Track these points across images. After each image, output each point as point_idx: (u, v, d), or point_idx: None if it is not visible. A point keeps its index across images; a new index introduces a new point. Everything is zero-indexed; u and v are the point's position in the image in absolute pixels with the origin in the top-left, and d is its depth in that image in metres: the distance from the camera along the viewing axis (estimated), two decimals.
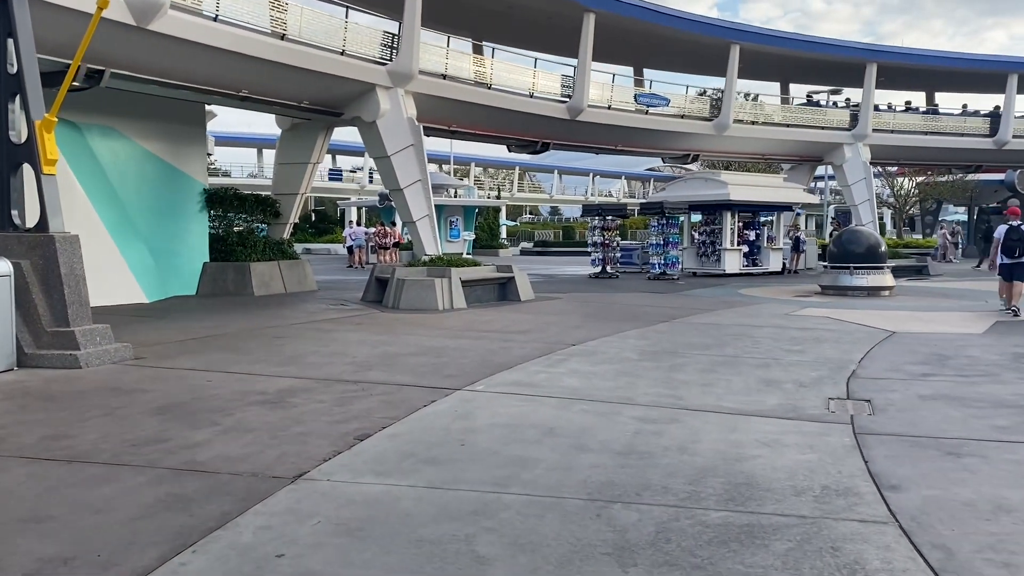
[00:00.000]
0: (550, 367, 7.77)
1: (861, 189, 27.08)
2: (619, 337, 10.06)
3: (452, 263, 14.41)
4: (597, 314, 12.85)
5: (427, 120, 17.18)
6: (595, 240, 23.62)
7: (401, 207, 16.33)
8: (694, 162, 27.30)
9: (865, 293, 16.57)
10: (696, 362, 8.13)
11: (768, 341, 9.67)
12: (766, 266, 25.14)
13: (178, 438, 5.04)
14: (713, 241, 24.60)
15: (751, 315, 12.70)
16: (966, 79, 29.61)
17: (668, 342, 9.61)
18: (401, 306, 13.25)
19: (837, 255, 17.30)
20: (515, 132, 20.65)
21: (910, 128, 28.30)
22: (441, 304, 13.21)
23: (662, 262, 22.61)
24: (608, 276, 23.20)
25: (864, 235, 17.44)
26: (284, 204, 17.28)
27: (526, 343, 9.38)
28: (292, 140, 17.36)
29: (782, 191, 24.92)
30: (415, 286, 13.29)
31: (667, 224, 22.51)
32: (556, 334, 10.29)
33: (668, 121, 23.48)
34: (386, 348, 8.91)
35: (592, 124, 21.29)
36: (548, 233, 62.90)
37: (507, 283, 15.05)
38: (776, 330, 10.72)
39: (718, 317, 12.43)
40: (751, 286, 19.74)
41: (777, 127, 25.77)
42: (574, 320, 11.97)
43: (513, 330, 10.66)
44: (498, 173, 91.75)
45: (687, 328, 11.00)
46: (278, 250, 16.98)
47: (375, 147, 16.09)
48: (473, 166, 78.78)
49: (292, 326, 10.98)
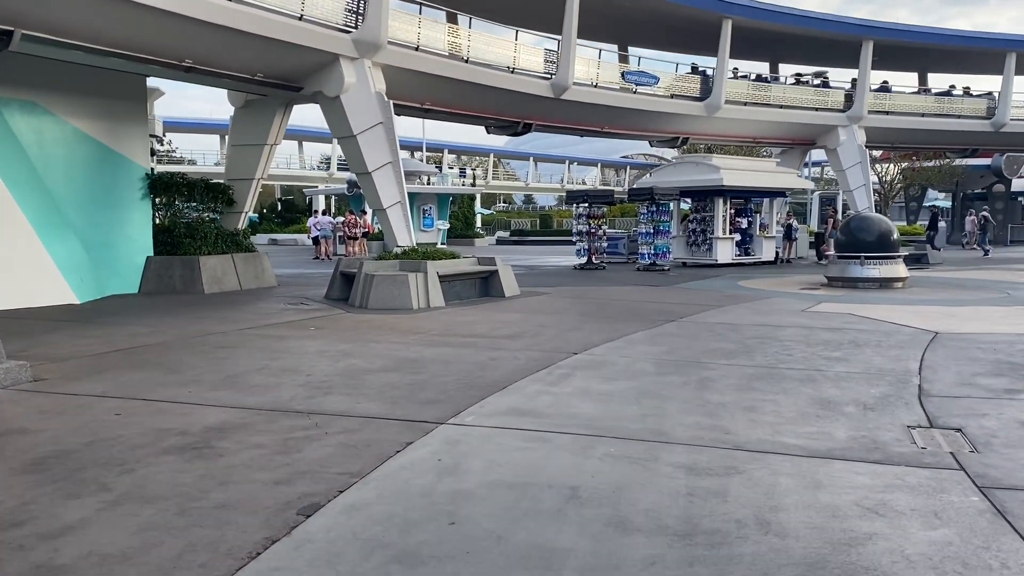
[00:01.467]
0: (554, 385, 6.35)
1: (857, 174, 25.96)
2: (625, 341, 8.68)
3: (428, 255, 12.94)
4: (594, 312, 11.46)
5: (397, 97, 15.63)
6: (580, 229, 22.22)
7: (369, 193, 14.77)
8: (683, 146, 26.03)
9: (877, 285, 15.36)
10: (727, 376, 6.76)
11: (799, 346, 8.34)
12: (759, 255, 23.96)
13: (43, 517, 3.54)
14: (704, 229, 23.34)
15: (765, 312, 11.39)
16: (961, 58, 28.61)
17: (685, 348, 8.24)
18: (370, 305, 11.76)
19: (845, 244, 16.06)
20: (494, 111, 19.14)
21: (907, 110, 27.22)
22: (416, 303, 11.74)
23: (652, 252, 21.30)
24: (595, 267, 21.85)
25: (875, 221, 16.22)
26: (238, 191, 15.65)
27: (519, 351, 7.95)
28: (246, 119, 15.71)
29: (776, 176, 23.71)
30: (386, 282, 11.79)
31: (657, 211, 21.18)
32: (552, 338, 8.88)
33: (657, 101, 22.11)
34: (350, 361, 7.43)
35: (577, 103, 19.86)
36: (525, 222, 61.45)
37: (489, 277, 13.61)
38: (802, 331, 9.40)
39: (729, 315, 11.10)
40: (748, 277, 18.50)
41: (770, 108, 24.53)
42: (570, 320, 10.57)
43: (501, 334, 9.23)
44: (471, 160, 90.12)
45: (700, 329, 9.64)
46: (232, 242, 15.37)
47: (339, 126, 14.50)
48: (447, 153, 77.05)
49: (241, 332, 9.44)
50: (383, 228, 15.15)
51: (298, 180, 70.19)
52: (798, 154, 28.40)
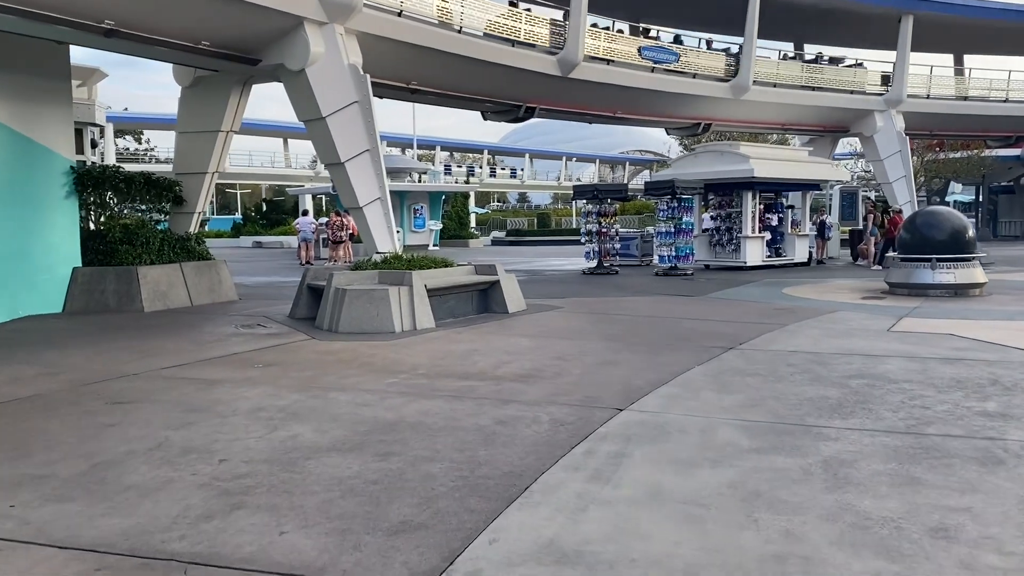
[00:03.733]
0: (602, 481, 4.10)
1: (896, 164, 23.74)
2: (682, 384, 6.43)
3: (414, 264, 10.68)
4: (624, 335, 9.20)
5: (376, 74, 13.33)
6: (590, 228, 19.96)
7: (343, 188, 12.46)
8: (703, 133, 23.80)
9: (951, 293, 13.14)
10: (861, 454, 4.54)
11: (927, 390, 6.10)
12: (791, 256, 21.76)
13: None
14: (729, 227, 21.10)
15: (842, 334, 9.15)
16: (1006, 36, 26.41)
17: (771, 397, 5.98)
18: (341, 328, 9.48)
19: (911, 244, 13.81)
20: (492, 93, 16.87)
21: (948, 94, 25.02)
22: (399, 324, 9.46)
23: (672, 254, 19.06)
24: (606, 272, 19.60)
25: (946, 216, 14.00)
26: (189, 187, 13.35)
27: (538, 406, 5.69)
28: (196, 101, 13.39)
29: (811, 166, 21.49)
30: (361, 299, 9.52)
31: (679, 207, 18.94)
32: (580, 380, 6.63)
33: (678, 81, 19.85)
34: (293, 429, 5.16)
35: (587, 83, 17.61)
36: (521, 221, 59.18)
37: (489, 289, 11.36)
38: (911, 364, 7.15)
39: (799, 338, 8.86)
40: (787, 282, 16.30)
41: (802, 91, 22.29)
42: (596, 347, 8.31)
43: (510, 372, 6.96)
44: (465, 157, 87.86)
45: (774, 362, 7.39)
46: (181, 248, 13.09)
47: (305, 106, 12.21)
48: (439, 149, 74.80)
49: (160, 373, 7.16)
50: (360, 231, 12.86)
51: (284, 180, 67.90)
52: (828, 143, 26.19)
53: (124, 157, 60.51)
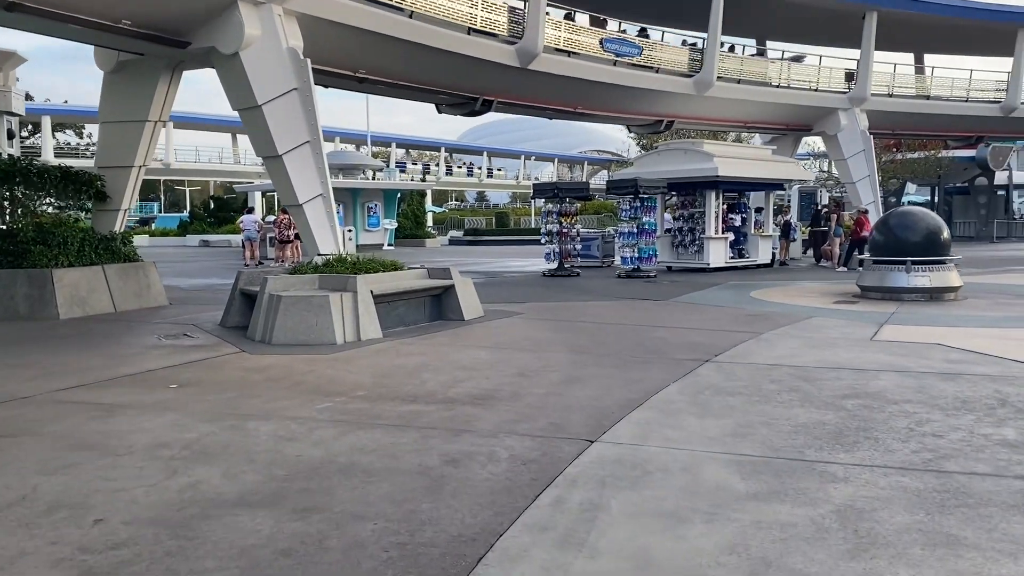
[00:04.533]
0: (574, 549, 3.31)
1: (860, 163, 23.45)
2: (659, 408, 5.68)
3: (359, 267, 9.78)
4: (590, 346, 8.44)
5: (321, 61, 12.40)
6: (550, 228, 19.21)
7: (280, 183, 11.48)
8: (666, 131, 23.21)
9: (927, 297, 12.68)
10: (879, 500, 3.83)
11: (933, 413, 5.45)
12: (754, 257, 21.28)
13: None
14: (692, 228, 20.54)
15: (822, 344, 8.51)
16: (966, 36, 26.37)
17: (761, 423, 5.26)
18: (275, 339, 8.56)
19: (884, 245, 13.33)
20: (447, 84, 16.00)
21: (911, 93, 24.83)
22: (340, 335, 8.57)
23: (635, 256, 18.41)
24: (567, 274, 18.89)
25: (920, 217, 13.54)
26: (113, 182, 12.25)
27: (495, 438, 4.89)
28: (120, 87, 12.27)
29: (775, 166, 21.03)
30: (298, 307, 8.61)
31: (641, 207, 18.30)
32: (544, 401, 5.84)
33: (640, 76, 19.21)
34: (197, 473, 4.28)
35: (547, 76, 16.86)
36: (480, 220, 58.28)
37: (443, 295, 10.52)
38: (905, 380, 6.52)
39: (778, 349, 8.20)
40: (754, 285, 15.77)
41: (766, 88, 21.84)
42: (560, 361, 7.53)
43: (465, 393, 6.14)
44: (421, 156, 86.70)
45: (756, 378, 6.69)
46: (105, 249, 11.99)
47: (239, 94, 11.22)
48: (395, 146, 73.51)
49: (54, 396, 6.19)
50: (300, 231, 11.91)
51: (233, 176, 66.06)
52: (791, 142, 25.85)
53: (64, 152, 58.15)
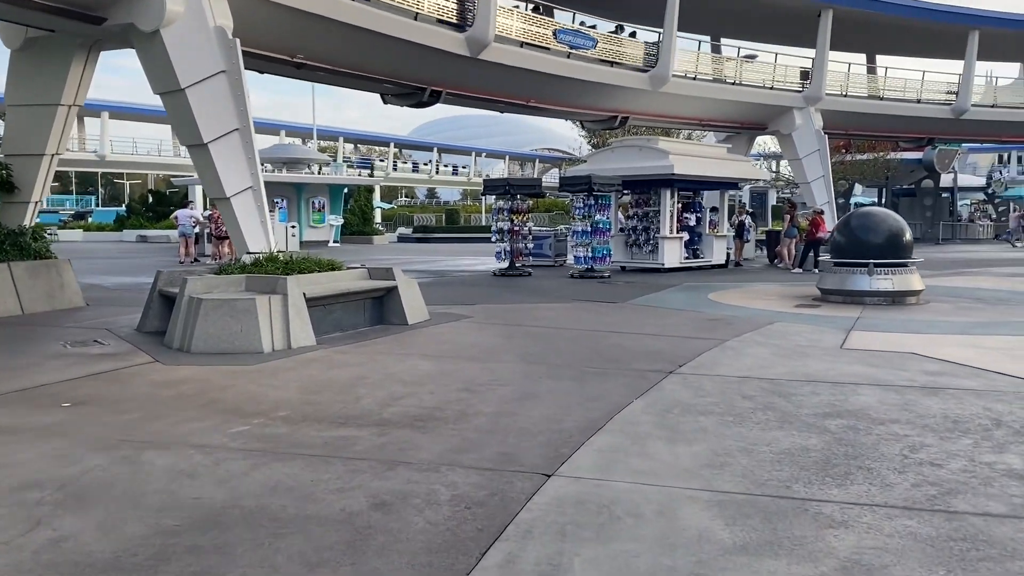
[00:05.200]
0: None
1: (815, 163, 23.29)
2: (623, 431, 5.07)
3: (292, 267, 8.98)
4: (544, 355, 7.79)
5: (254, 43, 11.52)
6: (502, 226, 18.54)
7: (206, 175, 10.56)
8: (620, 127, 22.70)
9: (889, 300, 12.35)
10: (892, 552, 3.30)
11: (927, 439, 4.94)
12: (708, 258, 20.93)
13: None
14: (647, 227, 20.08)
15: (791, 353, 8.01)
16: (918, 37, 26.48)
17: (738, 449, 4.68)
18: (194, 347, 7.72)
19: (846, 247, 12.97)
20: (392, 73, 15.18)
21: (865, 93, 24.79)
22: (268, 342, 7.77)
23: (588, 255, 17.86)
24: (519, 273, 18.25)
25: (882, 218, 13.20)
26: (22, 172, 11.19)
27: (435, 473, 4.20)
28: (29, 66, 11.18)
29: (730, 164, 20.69)
30: (220, 311, 7.78)
31: (596, 205, 17.75)
32: (493, 424, 5.18)
33: (594, 69, 18.65)
34: (64, 526, 3.50)
35: (498, 67, 16.18)
36: (429, 217, 57.34)
37: (386, 297, 9.77)
38: (887, 396, 6.03)
39: (746, 359, 7.66)
40: (710, 286, 15.36)
41: (722, 85, 21.49)
42: (511, 372, 6.86)
43: (402, 414, 5.43)
44: (371, 151, 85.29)
45: (727, 394, 6.12)
46: (12, 245, 10.95)
47: (160, 75, 10.27)
48: (342, 141, 72.02)
49: None
50: (227, 227, 11.02)
51: (172, 169, 63.87)
52: (745, 141, 25.61)
53: None
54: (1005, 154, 77.55)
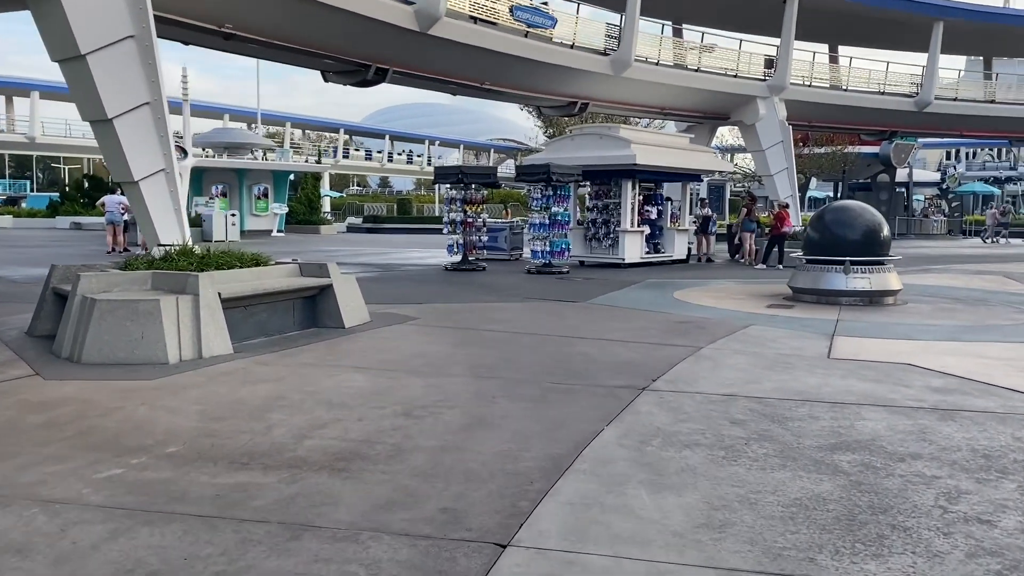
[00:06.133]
0: None
1: (778, 154, 22.72)
2: (594, 470, 4.17)
3: (208, 262, 7.87)
4: (499, 365, 6.84)
5: (175, 9, 10.29)
6: (454, 217, 17.51)
7: (112, 155, 9.32)
8: (580, 113, 21.81)
9: (866, 300, 11.69)
10: None
11: (962, 481, 4.14)
12: (670, 252, 20.19)
13: None
14: (607, 220, 19.24)
15: (774, 364, 7.20)
16: (882, 28, 26.07)
17: (734, 495, 3.80)
18: (85, 357, 6.59)
19: (819, 244, 12.28)
20: (333, 47, 14.03)
21: (829, 83, 24.29)
22: (175, 351, 6.67)
23: (546, 249, 16.94)
24: (472, 268, 17.27)
25: (858, 213, 12.50)
26: None
27: (352, 544, 3.23)
28: None
29: (694, 155, 19.96)
30: (117, 314, 6.65)
31: (554, 196, 16.83)
32: (434, 465, 4.22)
33: (553, 51, 17.72)
34: None
35: (450, 44, 15.15)
36: (380, 207, 55.91)
37: (319, 296, 8.71)
38: (901, 421, 5.23)
39: (724, 370, 6.82)
40: (674, 283, 14.62)
41: (685, 71, 20.74)
42: (460, 390, 5.89)
43: (322, 450, 4.43)
44: (320, 138, 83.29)
45: (711, 419, 5.25)
46: None
47: (58, 40, 8.98)
48: (289, 126, 70.01)
49: None
50: (136, 215, 9.81)
51: None
52: (707, 131, 24.97)
53: None
54: (954, 150, 79.00)
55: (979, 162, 79.65)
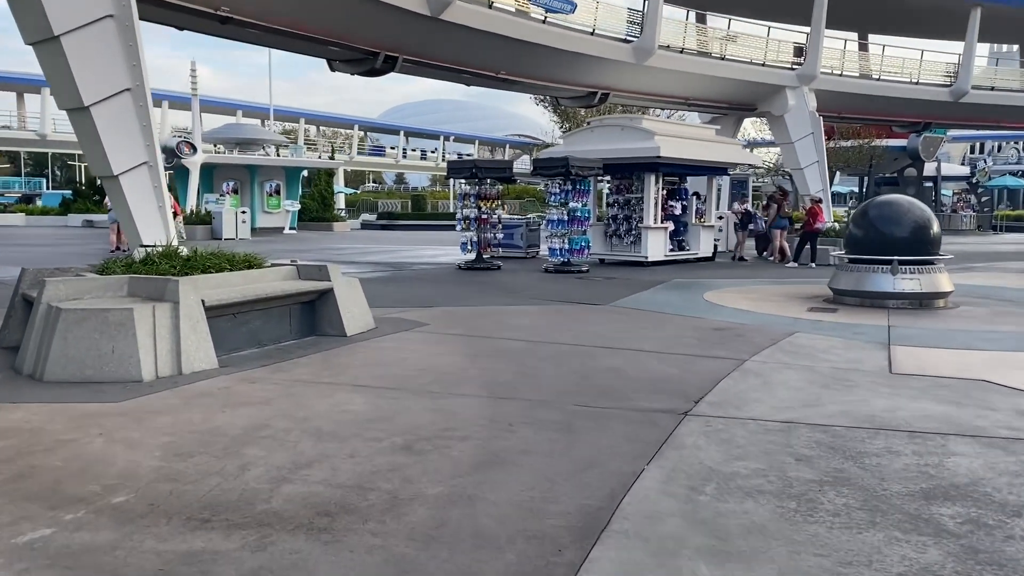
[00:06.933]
0: None
1: (808, 147, 21.72)
2: (641, 535, 3.34)
3: (194, 264, 7.09)
4: (517, 384, 6.02)
5: None
6: (468, 214, 16.70)
7: (89, 146, 8.54)
8: (599, 104, 20.92)
9: (915, 303, 10.76)
10: None
11: None
12: (695, 250, 19.28)
13: None
14: (628, 216, 18.37)
15: (832, 381, 6.35)
16: (916, 16, 24.99)
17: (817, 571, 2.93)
18: (48, 374, 5.84)
19: (863, 241, 11.36)
20: (339, 33, 13.23)
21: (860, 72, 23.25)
22: (150, 367, 5.91)
23: (565, 247, 16.09)
24: (487, 266, 16.48)
25: (906, 208, 11.54)
26: None
27: None
28: None
29: (720, 147, 19.03)
30: (85, 325, 5.89)
31: (573, 191, 15.98)
32: (435, 524, 3.41)
33: (573, 38, 16.84)
34: None
35: (463, 30, 14.32)
36: (395, 203, 55.18)
37: (319, 301, 7.93)
38: (1006, 462, 4.36)
39: (776, 389, 5.97)
40: (703, 283, 13.79)
41: (710, 60, 19.79)
42: (472, 414, 5.08)
43: (303, 499, 3.63)
44: (336, 135, 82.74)
45: (771, 456, 4.43)
46: None
47: (31, 19, 8.21)
48: (303, 122, 69.41)
49: None
50: (116, 212, 9.07)
51: None
52: (733, 123, 23.99)
53: None
54: (979, 143, 77.24)
55: (1005, 156, 77.84)
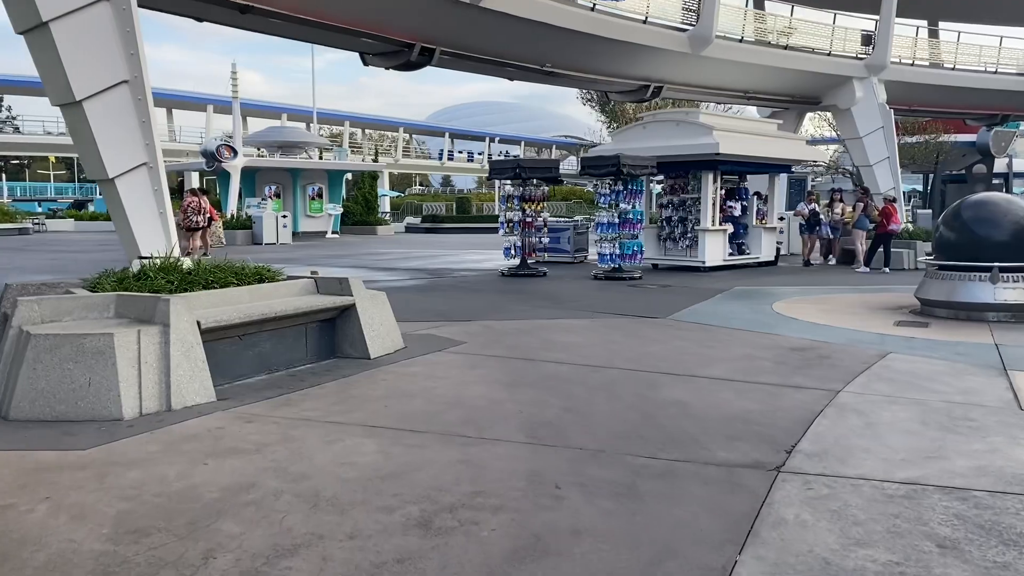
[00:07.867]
0: None
1: (878, 142, 20.26)
2: None
3: (194, 280, 6.23)
4: (563, 423, 5.00)
5: None
6: (511, 217, 15.73)
7: (83, 145, 7.73)
8: (652, 99, 19.78)
9: (1015, 317, 9.49)
10: None
11: None
12: (755, 254, 18.03)
13: None
14: (683, 218, 17.21)
15: (953, 423, 5.26)
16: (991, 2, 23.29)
17: None
18: (14, 411, 5.02)
19: (956, 245, 10.11)
20: (370, 23, 12.33)
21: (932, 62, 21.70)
22: (132, 403, 5.04)
23: (616, 252, 15.01)
24: (531, 273, 15.48)
25: (1006, 208, 10.23)
26: None
27: None
28: None
29: (783, 143, 17.77)
30: (58, 353, 5.05)
31: (625, 192, 14.89)
32: None
33: (623, 26, 15.74)
34: None
35: (505, 18, 13.32)
36: (440, 206, 54.51)
37: (339, 318, 7.02)
38: None
39: (883, 433, 4.92)
40: (767, 291, 12.65)
41: (772, 49, 18.50)
42: (508, 468, 4.08)
43: None
44: (382, 138, 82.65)
45: (897, 531, 3.36)
46: None
47: (20, 6, 7.49)
48: (348, 125, 69.25)
49: None
50: (113, 218, 8.26)
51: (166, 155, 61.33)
52: (795, 117, 22.59)
53: None
54: None
55: None
